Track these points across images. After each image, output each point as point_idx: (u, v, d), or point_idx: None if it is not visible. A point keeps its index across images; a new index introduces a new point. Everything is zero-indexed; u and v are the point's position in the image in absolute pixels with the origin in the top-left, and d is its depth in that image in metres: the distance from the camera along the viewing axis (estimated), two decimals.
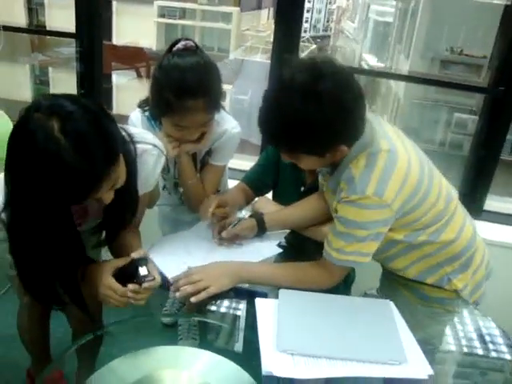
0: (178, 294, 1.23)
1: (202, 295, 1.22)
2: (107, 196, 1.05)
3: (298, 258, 1.36)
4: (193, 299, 1.21)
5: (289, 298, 1.23)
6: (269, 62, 2.26)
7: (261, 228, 1.47)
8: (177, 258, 1.34)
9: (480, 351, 1.24)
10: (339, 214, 1.21)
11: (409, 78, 3.32)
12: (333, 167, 1.27)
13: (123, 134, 1.13)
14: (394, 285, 1.45)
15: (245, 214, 1.63)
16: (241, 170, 2.00)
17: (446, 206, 1.29)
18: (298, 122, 1.10)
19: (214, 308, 2.27)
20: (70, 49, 2.55)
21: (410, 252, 1.33)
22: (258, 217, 1.49)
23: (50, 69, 8.99)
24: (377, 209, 1.17)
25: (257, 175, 1.66)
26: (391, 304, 1.26)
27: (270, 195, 1.71)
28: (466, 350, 1.27)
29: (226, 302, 2.30)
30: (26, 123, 0.93)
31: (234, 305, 2.30)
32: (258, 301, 1.24)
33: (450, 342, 1.30)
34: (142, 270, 1.12)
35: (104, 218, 1.25)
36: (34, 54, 7.79)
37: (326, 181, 1.38)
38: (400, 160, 1.19)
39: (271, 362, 1.03)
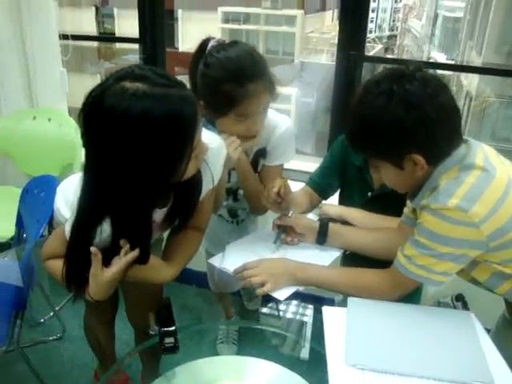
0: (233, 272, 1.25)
1: (260, 292, 1.18)
2: (192, 166, 1.05)
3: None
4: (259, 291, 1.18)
5: (358, 306, 1.15)
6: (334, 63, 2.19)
7: (321, 233, 1.37)
8: (245, 258, 1.30)
9: None
10: (419, 220, 1.09)
11: (486, 70, 3.16)
12: (417, 189, 1.15)
13: None
14: None
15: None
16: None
17: None
18: (370, 120, 1.05)
19: (280, 313, 2.22)
20: (135, 55, 2.61)
21: None
22: (323, 220, 1.40)
23: None
24: (461, 225, 1.01)
25: (322, 178, 1.59)
26: (472, 316, 1.14)
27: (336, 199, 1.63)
28: None
29: (292, 308, 2.24)
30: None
31: (300, 310, 2.23)
32: (326, 309, 1.16)
33: None
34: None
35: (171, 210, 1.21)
36: (100, 61, 8.14)
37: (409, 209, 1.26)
38: (497, 180, 1.03)
39: (339, 377, 0.95)
